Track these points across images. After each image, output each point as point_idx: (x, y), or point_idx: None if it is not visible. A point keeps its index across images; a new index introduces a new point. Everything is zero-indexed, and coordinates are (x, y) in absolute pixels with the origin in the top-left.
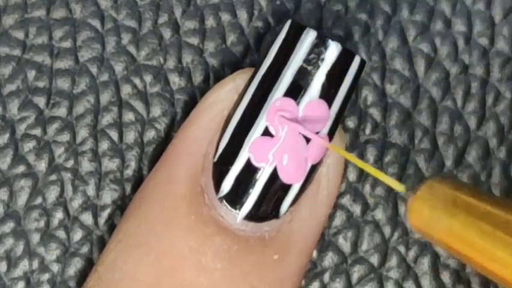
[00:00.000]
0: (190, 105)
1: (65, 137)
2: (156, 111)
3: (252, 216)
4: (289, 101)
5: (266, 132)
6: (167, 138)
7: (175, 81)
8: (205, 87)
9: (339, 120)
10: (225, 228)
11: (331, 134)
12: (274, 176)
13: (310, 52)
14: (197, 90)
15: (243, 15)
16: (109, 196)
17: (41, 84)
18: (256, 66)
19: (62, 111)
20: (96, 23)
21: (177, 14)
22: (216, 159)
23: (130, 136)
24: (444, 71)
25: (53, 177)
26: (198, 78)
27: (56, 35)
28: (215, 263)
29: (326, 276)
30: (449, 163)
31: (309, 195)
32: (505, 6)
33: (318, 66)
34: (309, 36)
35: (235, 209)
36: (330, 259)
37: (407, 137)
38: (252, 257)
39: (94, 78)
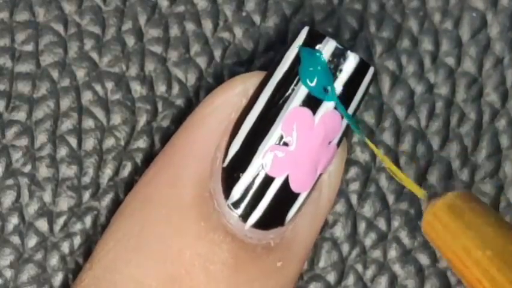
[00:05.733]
0: (151, 114)
1: (24, 141)
2: (116, 119)
3: (260, 224)
4: (306, 111)
5: (280, 141)
6: (127, 146)
7: (137, 89)
8: (167, 96)
9: (347, 129)
10: (233, 235)
11: (339, 144)
12: (285, 185)
13: (329, 62)
14: (158, 99)
15: (207, 25)
16: (65, 203)
17: (1, 87)
18: (269, 71)
19: (21, 115)
20: (59, 28)
21: (141, 22)
22: (225, 165)
23: (89, 143)
24: (409, 90)
25: (10, 181)
26: (160, 87)
27: (19, 38)
28: (223, 271)
29: None
30: None
31: (311, 202)
32: (472, 26)
33: (336, 77)
34: (329, 46)
35: (245, 216)
36: None
37: (369, 154)
38: (258, 264)
39: (54, 83)
